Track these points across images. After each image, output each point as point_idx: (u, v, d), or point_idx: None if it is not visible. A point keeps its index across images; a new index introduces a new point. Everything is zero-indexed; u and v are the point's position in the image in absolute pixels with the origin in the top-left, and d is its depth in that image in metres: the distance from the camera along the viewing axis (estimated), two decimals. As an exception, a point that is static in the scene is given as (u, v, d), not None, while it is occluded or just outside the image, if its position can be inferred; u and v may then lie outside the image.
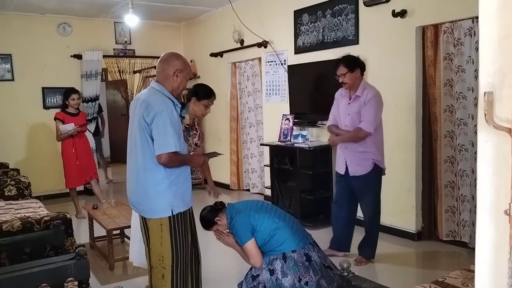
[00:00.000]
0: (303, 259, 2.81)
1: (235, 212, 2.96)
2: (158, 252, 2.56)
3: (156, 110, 2.45)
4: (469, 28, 3.80)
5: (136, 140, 2.54)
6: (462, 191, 4.03)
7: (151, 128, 2.46)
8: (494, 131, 1.00)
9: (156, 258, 2.57)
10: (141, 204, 2.60)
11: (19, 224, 2.82)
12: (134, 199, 2.64)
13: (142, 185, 2.56)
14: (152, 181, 2.52)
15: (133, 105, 2.63)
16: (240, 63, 6.78)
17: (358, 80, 3.63)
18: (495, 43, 1.01)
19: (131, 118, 2.63)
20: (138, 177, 2.57)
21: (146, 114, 2.46)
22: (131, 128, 2.60)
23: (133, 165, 2.59)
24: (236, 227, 2.89)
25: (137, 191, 2.60)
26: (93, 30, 7.13)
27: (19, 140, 6.66)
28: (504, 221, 0.97)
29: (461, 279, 2.35)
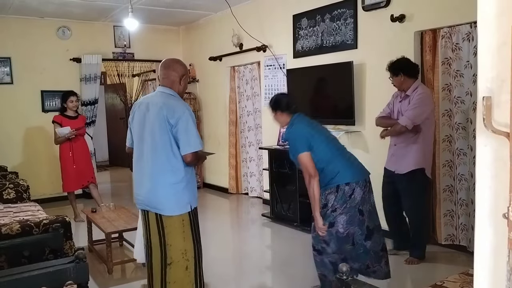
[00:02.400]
0: (353, 192, 2.89)
1: (298, 120, 3.03)
2: (180, 247, 2.66)
3: (179, 112, 2.60)
4: (467, 33, 3.82)
5: (156, 142, 2.63)
6: (460, 195, 4.04)
7: (176, 130, 2.58)
8: (493, 135, 1.01)
9: (178, 253, 2.66)
10: (161, 204, 2.66)
11: (18, 227, 2.82)
12: (152, 200, 2.68)
13: (162, 185, 2.64)
14: (174, 181, 2.63)
15: (143, 110, 2.71)
16: (239, 67, 6.79)
17: (405, 83, 3.77)
18: (494, 49, 1.02)
19: (142, 122, 2.70)
20: (158, 178, 2.65)
21: (170, 116, 2.58)
22: (144, 132, 2.68)
23: (150, 167, 2.66)
24: (295, 136, 2.97)
25: (156, 192, 2.66)
26: (92, 33, 7.15)
27: (17, 143, 6.66)
28: (503, 225, 0.98)
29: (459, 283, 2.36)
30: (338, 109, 4.98)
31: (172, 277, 2.67)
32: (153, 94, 2.83)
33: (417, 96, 3.69)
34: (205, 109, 7.53)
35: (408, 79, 3.75)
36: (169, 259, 2.66)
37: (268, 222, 5.38)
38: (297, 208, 5.00)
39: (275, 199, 5.38)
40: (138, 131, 2.74)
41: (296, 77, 5.46)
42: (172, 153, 2.62)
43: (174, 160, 2.62)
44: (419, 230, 3.88)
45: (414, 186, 3.78)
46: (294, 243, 4.68)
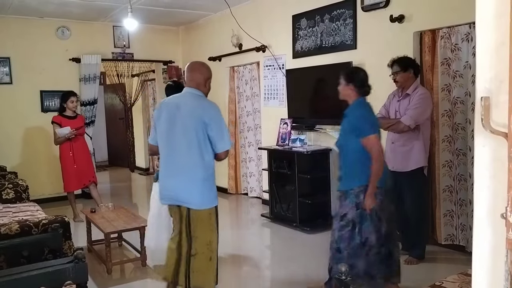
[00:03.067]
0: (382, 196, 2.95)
1: (365, 104, 3.04)
2: (207, 238, 2.85)
3: (213, 112, 2.84)
4: (466, 33, 3.83)
5: (190, 139, 2.79)
6: (460, 195, 4.05)
7: (210, 128, 2.79)
8: (491, 135, 1.01)
9: (203, 244, 2.84)
10: (192, 198, 2.82)
11: (17, 227, 2.82)
12: (183, 195, 2.83)
13: (195, 180, 2.81)
14: (205, 176, 2.83)
15: (172, 109, 2.87)
16: (238, 67, 6.79)
17: (410, 80, 3.77)
18: (492, 49, 1.02)
19: (173, 121, 2.84)
20: (191, 174, 2.81)
21: (205, 115, 2.79)
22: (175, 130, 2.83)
23: (184, 163, 2.82)
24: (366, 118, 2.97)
25: (189, 187, 2.82)
26: (91, 33, 7.15)
27: (17, 143, 6.65)
28: (501, 225, 0.98)
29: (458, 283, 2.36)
30: (337, 109, 4.92)
31: (196, 267, 2.85)
32: (181, 95, 2.98)
33: (419, 96, 3.69)
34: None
35: (413, 77, 3.78)
36: (194, 250, 2.84)
37: (267, 222, 5.38)
38: (296, 208, 5.00)
39: (274, 199, 5.38)
40: (167, 130, 2.86)
41: (296, 78, 5.46)
42: (206, 150, 2.81)
43: (206, 156, 2.82)
44: (420, 230, 3.89)
45: (416, 184, 3.81)
46: (293, 243, 4.68)
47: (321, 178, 5.08)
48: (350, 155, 3.00)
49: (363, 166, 2.92)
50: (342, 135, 3.08)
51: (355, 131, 2.94)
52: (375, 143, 2.90)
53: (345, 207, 2.98)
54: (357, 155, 2.95)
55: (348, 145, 3.01)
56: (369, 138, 2.89)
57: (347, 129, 3.02)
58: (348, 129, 3.00)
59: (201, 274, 2.87)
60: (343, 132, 3.07)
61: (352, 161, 3.00)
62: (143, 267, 4.01)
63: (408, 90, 3.77)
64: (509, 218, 0.95)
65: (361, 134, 2.91)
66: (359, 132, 2.92)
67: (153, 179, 4.08)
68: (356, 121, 2.96)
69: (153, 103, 9.20)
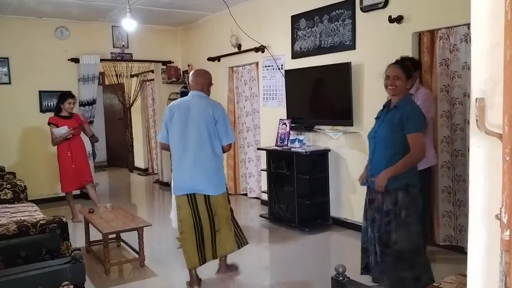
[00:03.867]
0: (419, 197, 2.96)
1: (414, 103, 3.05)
2: (226, 215, 3.46)
3: (220, 110, 3.37)
4: (465, 34, 3.83)
5: (203, 135, 3.28)
6: (458, 196, 4.05)
7: (218, 124, 3.29)
8: (486, 136, 1.01)
9: (224, 220, 3.44)
10: (209, 186, 3.34)
11: (15, 228, 2.82)
12: (202, 184, 3.32)
13: (211, 170, 3.32)
14: (219, 166, 3.39)
15: (184, 110, 3.33)
16: (237, 67, 6.80)
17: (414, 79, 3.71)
18: (487, 50, 1.02)
19: (185, 120, 3.30)
20: (207, 166, 3.31)
21: (215, 113, 3.30)
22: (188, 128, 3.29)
23: (199, 156, 3.29)
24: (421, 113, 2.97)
25: (206, 177, 3.32)
26: (90, 34, 7.15)
27: (15, 144, 6.65)
28: (495, 226, 0.98)
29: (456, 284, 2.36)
30: (336, 110, 4.98)
31: (222, 239, 3.43)
32: (190, 98, 3.42)
33: (423, 96, 3.66)
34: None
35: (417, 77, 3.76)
36: (217, 226, 3.40)
37: (266, 223, 5.38)
38: (295, 209, 5.00)
39: (273, 200, 5.38)
40: (180, 129, 3.32)
41: (295, 78, 5.46)
42: (216, 144, 3.32)
43: (216, 150, 3.33)
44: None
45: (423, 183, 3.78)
46: (292, 244, 4.68)
47: (320, 179, 5.08)
48: (392, 150, 2.95)
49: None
50: (387, 127, 2.99)
51: (406, 124, 2.89)
52: (421, 142, 2.91)
53: (387, 203, 2.95)
54: (399, 149, 2.92)
55: (391, 138, 2.95)
56: (418, 135, 2.89)
57: (396, 121, 2.93)
58: (397, 122, 2.92)
59: (226, 243, 3.46)
60: (389, 123, 2.98)
61: (393, 155, 2.94)
62: (141, 267, 4.01)
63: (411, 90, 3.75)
64: (503, 219, 0.95)
65: (411, 129, 2.88)
66: (411, 126, 2.88)
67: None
68: (412, 114, 2.91)
69: (152, 103, 9.20)
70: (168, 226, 5.69)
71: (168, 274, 3.98)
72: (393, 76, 3.02)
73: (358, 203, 4.85)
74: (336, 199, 5.08)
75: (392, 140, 2.95)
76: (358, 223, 4.83)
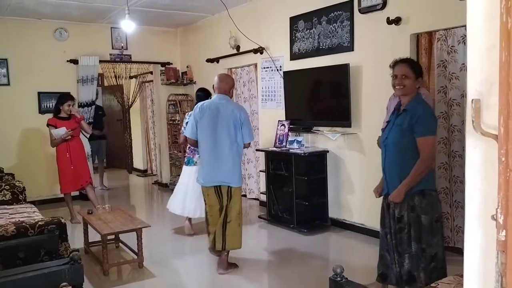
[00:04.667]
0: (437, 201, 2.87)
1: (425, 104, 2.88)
2: (238, 209, 3.83)
3: (244, 114, 3.82)
4: (463, 35, 3.84)
5: (231, 134, 3.73)
6: (456, 197, 4.05)
7: (242, 125, 3.74)
8: (482, 137, 1.02)
9: (236, 213, 3.81)
10: (233, 179, 3.78)
11: (13, 229, 2.82)
12: (228, 177, 3.76)
13: (236, 165, 3.79)
14: (239, 163, 3.87)
15: (213, 110, 3.75)
16: (236, 69, 6.80)
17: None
18: (483, 52, 1.03)
19: (216, 120, 3.73)
20: (234, 160, 3.76)
21: (241, 116, 3.75)
22: (221, 126, 3.72)
23: (227, 153, 3.73)
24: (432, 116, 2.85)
25: (231, 170, 3.76)
26: (89, 35, 7.15)
27: (14, 145, 6.65)
28: (491, 226, 0.99)
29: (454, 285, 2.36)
30: (334, 111, 4.99)
31: (231, 230, 3.80)
32: (217, 100, 3.83)
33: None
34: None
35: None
36: (229, 218, 3.79)
37: (264, 224, 5.39)
38: (294, 210, 5.00)
39: (271, 201, 5.39)
40: (211, 127, 3.74)
41: (293, 79, 5.47)
42: (240, 142, 3.78)
43: (240, 147, 3.80)
44: None
45: None
46: (290, 245, 4.68)
47: (318, 180, 5.09)
48: (404, 154, 2.84)
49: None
50: (397, 131, 2.87)
51: (415, 127, 2.76)
52: (431, 146, 2.79)
53: (401, 209, 2.84)
54: (412, 154, 2.79)
55: (403, 143, 2.83)
56: (428, 138, 2.76)
57: (405, 125, 2.80)
58: (407, 126, 2.79)
59: (233, 236, 3.81)
60: (399, 128, 2.85)
61: (406, 160, 2.82)
62: (140, 268, 4.01)
63: None
64: (499, 220, 0.95)
65: (420, 133, 2.75)
66: (421, 129, 2.75)
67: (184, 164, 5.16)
68: (423, 117, 2.76)
69: (151, 104, 9.20)
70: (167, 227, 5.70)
71: (166, 275, 3.98)
72: (401, 75, 2.88)
73: (356, 204, 4.87)
74: (334, 200, 5.09)
75: (403, 145, 2.84)
76: (356, 224, 4.85)
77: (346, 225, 4.97)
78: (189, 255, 4.45)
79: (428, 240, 2.81)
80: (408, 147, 2.81)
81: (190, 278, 3.93)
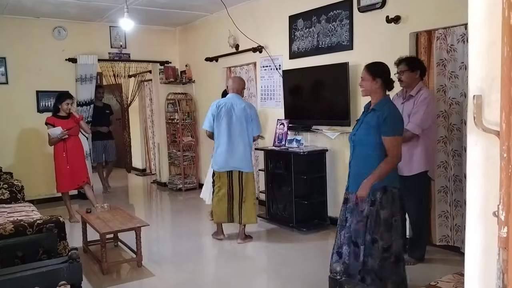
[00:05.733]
0: (398, 198, 2.97)
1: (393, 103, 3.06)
2: (252, 190, 4.65)
3: (254, 111, 4.64)
4: (462, 34, 3.84)
5: (243, 128, 4.50)
6: (455, 196, 4.05)
7: (252, 120, 4.52)
8: (483, 134, 1.01)
9: (250, 194, 4.62)
10: (245, 165, 4.55)
11: (12, 228, 2.81)
12: (240, 163, 4.53)
13: (246, 154, 4.55)
14: (250, 151, 4.62)
15: (229, 107, 4.51)
16: (235, 67, 6.79)
17: (415, 81, 3.74)
18: (484, 48, 1.03)
19: (230, 115, 4.49)
20: (245, 150, 4.53)
21: (251, 112, 4.55)
22: (234, 121, 4.48)
23: (240, 144, 4.50)
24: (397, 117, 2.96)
25: (243, 159, 4.53)
26: (88, 34, 7.13)
27: (12, 144, 6.63)
28: (493, 223, 0.98)
29: (453, 283, 2.36)
30: (333, 110, 4.99)
31: (246, 208, 4.61)
32: (231, 98, 4.56)
33: (424, 101, 3.65)
34: (201, 110, 7.52)
35: (419, 78, 3.77)
36: (244, 198, 4.60)
37: (263, 223, 5.38)
38: (293, 209, 5.00)
39: (270, 199, 5.38)
40: (227, 121, 4.48)
41: (292, 78, 5.46)
42: (250, 134, 4.56)
43: (250, 138, 4.57)
44: (420, 231, 3.89)
45: (417, 187, 3.78)
46: (289, 243, 4.68)
47: (317, 179, 5.08)
48: (368, 151, 2.95)
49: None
50: (364, 128, 2.99)
51: (381, 127, 2.87)
52: (398, 146, 2.89)
53: (362, 204, 2.94)
54: (376, 153, 2.91)
55: (368, 140, 2.94)
56: (395, 138, 2.87)
57: (372, 123, 2.92)
58: (374, 124, 2.91)
59: (249, 213, 4.60)
60: (366, 126, 2.98)
61: (369, 158, 2.93)
62: (139, 267, 4.01)
63: (411, 91, 3.74)
64: (501, 216, 0.95)
65: (387, 132, 2.86)
66: (386, 129, 2.86)
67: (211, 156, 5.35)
68: (387, 117, 2.87)
69: (150, 103, 9.19)
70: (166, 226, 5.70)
71: (165, 274, 3.97)
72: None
73: (355, 203, 4.86)
74: (333, 199, 5.09)
75: (368, 142, 2.95)
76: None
77: (345, 224, 4.97)
78: (188, 254, 4.44)
79: (381, 233, 2.90)
80: (373, 145, 2.93)
81: (189, 277, 3.92)
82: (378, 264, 2.91)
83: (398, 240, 2.98)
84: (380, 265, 2.91)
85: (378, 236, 2.90)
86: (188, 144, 7.62)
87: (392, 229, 2.93)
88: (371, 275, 2.92)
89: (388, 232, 2.92)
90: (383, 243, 2.90)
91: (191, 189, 7.57)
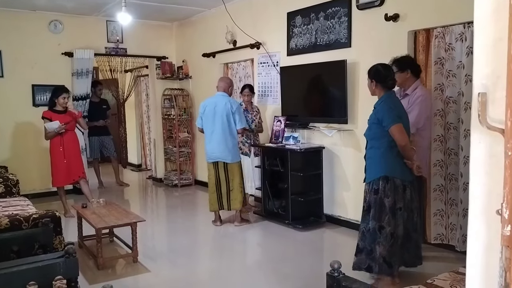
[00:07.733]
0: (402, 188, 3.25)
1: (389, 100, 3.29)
2: (238, 180, 5.03)
3: (236, 105, 4.95)
4: (460, 33, 3.84)
5: (225, 122, 4.89)
6: (451, 194, 4.06)
7: (234, 114, 4.89)
8: (487, 131, 1.01)
9: (237, 183, 5.02)
10: (229, 156, 4.95)
11: (7, 222, 2.78)
12: (223, 154, 4.95)
13: (230, 145, 4.94)
14: (234, 143, 5.01)
15: (212, 105, 4.96)
16: (232, 64, 6.77)
17: (408, 81, 3.80)
18: (490, 45, 1.02)
19: (213, 112, 4.94)
20: (227, 142, 4.91)
21: (232, 107, 4.88)
22: (216, 117, 4.92)
23: (222, 136, 4.90)
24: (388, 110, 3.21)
25: (226, 150, 4.92)
26: (85, 28, 7.08)
27: (7, 138, 6.58)
28: (496, 221, 0.98)
29: (449, 281, 2.37)
30: (331, 107, 4.98)
31: (234, 196, 5.03)
32: (215, 98, 5.02)
33: (415, 100, 3.68)
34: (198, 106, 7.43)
35: (412, 77, 3.79)
36: (231, 187, 5.02)
37: (259, 220, 5.38)
38: (289, 206, 4.99)
39: (267, 196, 5.38)
40: (210, 118, 4.94)
41: (290, 75, 5.45)
42: (233, 128, 4.92)
43: (233, 132, 4.95)
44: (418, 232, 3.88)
45: None
46: (285, 240, 4.68)
47: (313, 176, 5.08)
48: (373, 145, 3.33)
49: (381, 158, 3.26)
50: (368, 125, 3.38)
51: (379, 123, 3.23)
52: (396, 132, 3.17)
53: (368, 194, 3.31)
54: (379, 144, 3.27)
55: (370, 135, 3.34)
56: (394, 126, 3.16)
57: (372, 119, 3.32)
58: (373, 120, 3.30)
59: (236, 200, 5.02)
60: (369, 122, 3.37)
61: (374, 151, 3.32)
62: (134, 263, 3.99)
63: (407, 90, 3.78)
64: (504, 214, 0.94)
65: (388, 124, 3.18)
66: (387, 122, 3.18)
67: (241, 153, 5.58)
68: (381, 113, 3.23)
69: (146, 99, 9.14)
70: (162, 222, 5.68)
71: (161, 270, 3.96)
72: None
73: (351, 200, 4.87)
74: (329, 197, 5.09)
75: (372, 137, 3.36)
76: (351, 220, 4.85)
77: (341, 222, 4.98)
78: (183, 250, 4.43)
79: (388, 220, 3.21)
80: (376, 138, 3.31)
81: (184, 272, 3.92)
82: (387, 250, 3.19)
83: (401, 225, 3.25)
84: (389, 250, 3.19)
85: (384, 223, 3.20)
86: (184, 140, 7.60)
87: (396, 216, 3.22)
88: (378, 262, 3.18)
89: (394, 218, 3.21)
90: (390, 229, 3.20)
91: (186, 185, 7.55)
